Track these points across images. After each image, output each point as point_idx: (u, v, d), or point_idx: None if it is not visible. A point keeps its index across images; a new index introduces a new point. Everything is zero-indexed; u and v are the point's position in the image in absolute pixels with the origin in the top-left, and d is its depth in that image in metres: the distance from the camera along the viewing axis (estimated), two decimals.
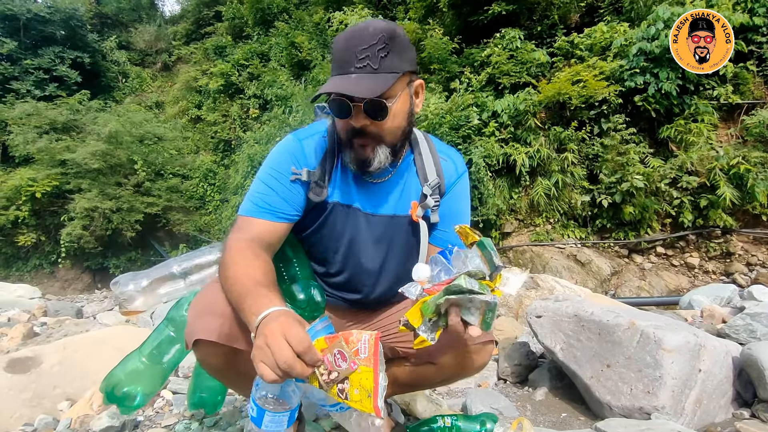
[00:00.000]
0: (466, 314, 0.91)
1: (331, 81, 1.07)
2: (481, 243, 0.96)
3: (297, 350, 0.79)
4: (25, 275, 10.09)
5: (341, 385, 0.84)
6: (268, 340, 0.80)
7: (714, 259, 5.53)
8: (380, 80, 1.05)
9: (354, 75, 1.05)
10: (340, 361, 0.84)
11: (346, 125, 1.12)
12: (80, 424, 1.50)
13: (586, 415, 1.75)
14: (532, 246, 6.01)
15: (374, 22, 1.09)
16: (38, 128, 10.25)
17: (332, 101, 1.08)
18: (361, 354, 0.83)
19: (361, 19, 8.20)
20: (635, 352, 1.57)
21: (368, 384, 0.82)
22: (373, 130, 1.11)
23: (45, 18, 12.43)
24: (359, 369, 0.83)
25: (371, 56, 1.04)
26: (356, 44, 1.05)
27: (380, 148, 1.14)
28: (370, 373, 0.82)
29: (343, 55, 1.06)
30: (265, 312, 0.87)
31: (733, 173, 5.21)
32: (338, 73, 1.07)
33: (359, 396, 0.83)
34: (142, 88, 15.01)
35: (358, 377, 0.83)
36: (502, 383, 2.20)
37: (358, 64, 1.04)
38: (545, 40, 7.21)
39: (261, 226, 1.14)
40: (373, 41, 1.04)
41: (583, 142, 6.08)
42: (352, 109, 1.07)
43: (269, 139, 8.16)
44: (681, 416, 1.48)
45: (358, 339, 0.84)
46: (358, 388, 0.83)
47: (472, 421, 1.34)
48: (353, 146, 1.14)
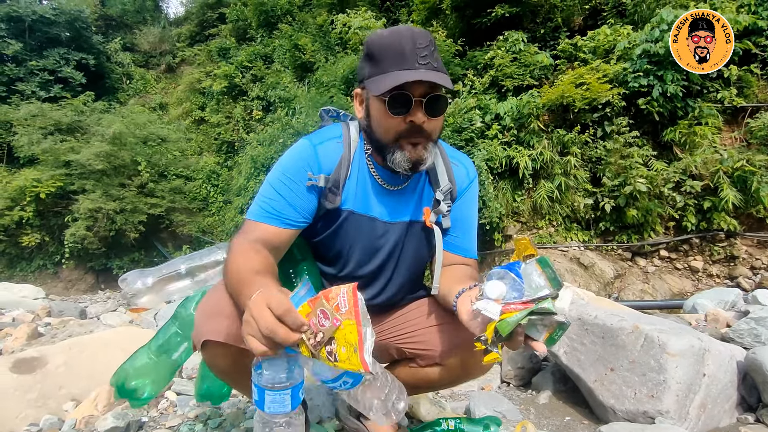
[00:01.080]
0: (532, 332, 0.92)
1: (398, 74, 1.05)
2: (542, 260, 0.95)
3: (276, 313, 0.79)
4: (29, 275, 10.15)
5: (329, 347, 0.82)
6: (252, 311, 0.81)
7: (718, 263, 5.50)
8: (446, 76, 1.07)
9: (422, 69, 1.05)
10: (323, 320, 0.82)
11: (401, 123, 1.10)
12: (85, 425, 1.50)
13: (589, 418, 1.74)
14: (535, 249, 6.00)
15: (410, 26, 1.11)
16: (43, 129, 10.32)
17: (393, 97, 1.06)
18: (341, 308, 0.82)
19: (365, 21, 8.22)
20: (639, 356, 1.57)
21: (353, 338, 0.81)
22: (428, 128, 1.11)
23: (50, 20, 12.52)
24: (342, 324, 0.81)
25: (429, 55, 1.06)
26: (416, 42, 1.06)
27: (430, 146, 1.14)
28: (353, 326, 0.81)
29: (404, 50, 1.06)
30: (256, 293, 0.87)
31: (737, 176, 5.19)
32: (402, 67, 1.06)
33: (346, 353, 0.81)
34: (146, 89, 15.09)
35: (342, 333, 0.81)
36: (505, 386, 2.20)
37: (421, 60, 1.05)
38: (548, 42, 7.20)
39: (266, 231, 1.14)
40: (427, 42, 1.07)
41: (586, 145, 6.07)
42: (413, 105, 1.07)
43: (272, 140, 8.18)
44: (685, 421, 1.47)
45: (337, 293, 0.83)
46: (345, 346, 0.81)
47: (476, 425, 1.34)
48: (404, 147, 1.12)
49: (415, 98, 1.06)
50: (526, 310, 0.89)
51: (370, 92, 1.11)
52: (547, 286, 0.92)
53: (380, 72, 1.08)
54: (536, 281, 0.92)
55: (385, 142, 1.14)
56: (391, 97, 1.06)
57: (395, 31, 1.10)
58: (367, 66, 1.12)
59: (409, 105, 1.07)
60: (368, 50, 1.12)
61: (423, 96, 1.06)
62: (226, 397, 1.49)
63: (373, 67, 1.10)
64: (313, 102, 7.73)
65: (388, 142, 1.13)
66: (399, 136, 1.11)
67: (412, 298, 1.37)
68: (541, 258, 0.95)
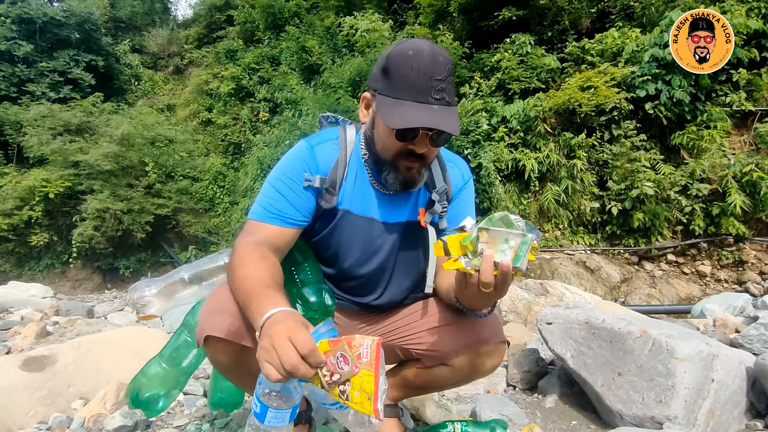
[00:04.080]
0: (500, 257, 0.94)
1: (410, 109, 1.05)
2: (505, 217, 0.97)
3: (302, 353, 0.81)
4: (37, 274, 10.24)
5: (342, 387, 0.87)
6: (274, 341, 0.82)
7: (726, 268, 5.45)
8: (456, 115, 1.08)
9: (435, 107, 1.05)
10: (343, 364, 0.86)
11: (402, 147, 1.12)
12: (93, 423, 1.52)
13: (596, 423, 1.73)
14: (540, 252, 5.98)
15: (438, 49, 1.09)
16: (52, 130, 10.41)
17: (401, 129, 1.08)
18: (363, 358, 0.85)
19: (372, 24, 8.24)
20: (647, 361, 1.56)
21: (369, 387, 0.85)
22: (427, 155, 1.15)
23: (60, 21, 12.65)
24: (361, 372, 0.85)
25: (445, 89, 1.07)
26: (433, 73, 1.05)
27: (424, 170, 1.19)
28: (372, 377, 0.85)
29: (419, 82, 1.05)
30: (270, 312, 0.89)
31: (745, 181, 5.15)
32: (416, 100, 1.06)
33: (360, 398, 0.85)
34: (154, 91, 15.21)
35: (359, 380, 0.85)
36: (511, 390, 2.19)
37: (435, 95, 1.05)
38: (556, 45, 7.19)
39: (270, 230, 1.16)
40: (445, 72, 1.06)
41: (593, 148, 6.04)
42: (419, 135, 1.09)
43: (279, 142, 8.22)
44: (694, 427, 1.46)
45: (360, 344, 0.86)
46: (359, 391, 0.85)
47: (482, 428, 1.34)
48: (399, 167, 1.15)
49: (423, 130, 1.08)
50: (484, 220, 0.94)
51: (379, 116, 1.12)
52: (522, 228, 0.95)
53: (393, 95, 1.08)
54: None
55: (382, 158, 1.17)
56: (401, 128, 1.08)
57: (417, 53, 1.07)
58: (382, 80, 1.12)
59: (416, 135, 1.09)
60: (386, 64, 1.11)
61: (430, 129, 1.08)
62: (239, 404, 1.51)
63: (388, 86, 1.10)
64: (320, 104, 7.76)
65: (385, 160, 1.17)
66: (397, 157, 1.14)
67: (416, 298, 1.38)
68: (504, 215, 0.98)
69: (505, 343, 1.25)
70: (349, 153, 1.24)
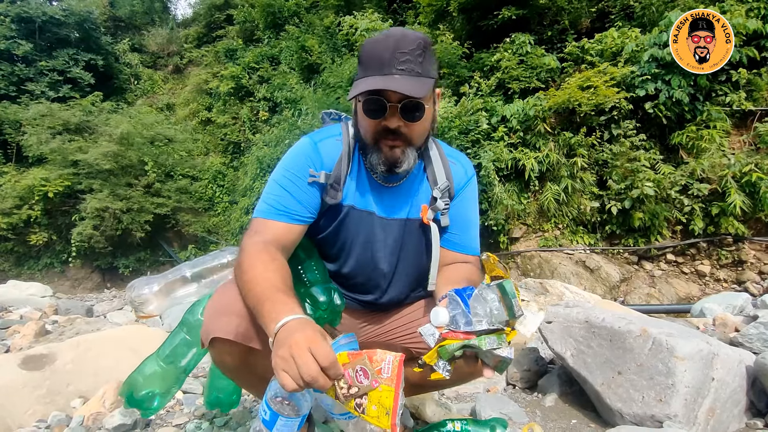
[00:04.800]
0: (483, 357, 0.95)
1: (372, 80, 1.07)
2: (502, 287, 0.95)
3: (322, 364, 0.81)
4: (36, 274, 10.23)
5: (359, 400, 0.86)
6: (293, 351, 0.81)
7: (725, 267, 5.46)
8: (423, 83, 1.08)
9: (397, 75, 1.06)
10: (362, 378, 0.86)
11: (377, 125, 1.13)
12: (93, 421, 1.52)
13: (596, 422, 1.73)
14: (540, 251, 5.98)
15: (407, 30, 1.12)
16: (52, 129, 10.41)
17: (368, 101, 1.09)
18: (383, 374, 0.85)
19: (371, 23, 8.24)
20: (647, 360, 1.56)
21: (388, 402, 0.84)
22: (405, 132, 1.13)
23: (60, 20, 12.64)
24: (380, 387, 0.85)
25: (412, 60, 1.07)
26: (398, 47, 1.07)
27: (409, 150, 1.16)
28: (392, 393, 0.84)
29: (383, 56, 1.07)
30: (285, 319, 0.88)
31: (745, 181, 5.15)
32: (378, 73, 1.07)
33: (377, 412, 0.84)
34: (154, 90, 15.20)
35: (377, 395, 0.85)
36: (511, 389, 2.18)
37: (400, 66, 1.07)
38: (555, 45, 7.18)
39: (276, 228, 1.15)
40: (413, 46, 1.07)
41: (593, 147, 6.04)
42: (388, 110, 1.09)
43: (278, 141, 8.22)
44: (694, 425, 1.46)
45: (382, 359, 0.86)
46: (377, 405, 0.85)
47: (482, 426, 1.34)
48: (381, 148, 1.15)
49: (391, 103, 1.08)
50: (461, 342, 0.93)
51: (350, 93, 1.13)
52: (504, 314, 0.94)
53: (361, 75, 1.11)
54: (491, 308, 0.94)
55: (366, 141, 1.18)
56: (366, 101, 1.09)
57: (387, 35, 1.11)
58: (358, 68, 1.15)
59: (385, 109, 1.09)
60: (359, 53, 1.15)
61: (399, 101, 1.08)
62: (235, 404, 1.50)
63: (360, 70, 1.13)
64: (320, 103, 7.76)
65: (368, 143, 1.17)
66: (377, 138, 1.15)
67: (417, 297, 1.38)
68: (501, 283, 0.95)
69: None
70: (351, 149, 1.24)
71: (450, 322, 0.97)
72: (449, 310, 0.98)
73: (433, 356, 0.96)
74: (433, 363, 0.96)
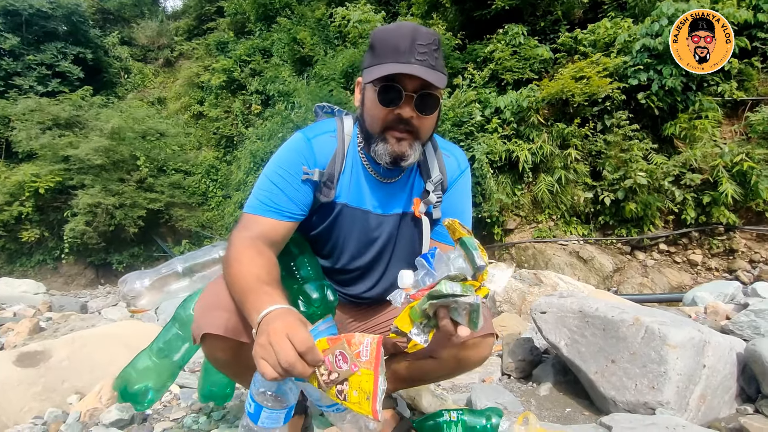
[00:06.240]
0: (455, 315, 0.93)
1: (391, 65, 1.06)
2: (462, 242, 0.96)
3: (299, 350, 0.80)
4: (28, 271, 10.15)
5: (340, 386, 0.85)
6: (271, 338, 0.81)
7: (717, 256, 5.52)
8: (440, 76, 1.08)
9: (416, 65, 1.05)
10: (341, 363, 0.84)
11: (389, 114, 1.11)
12: (89, 417, 1.52)
13: (590, 410, 1.76)
14: (534, 242, 6.02)
15: (417, 24, 1.11)
16: (41, 124, 10.27)
17: (384, 87, 1.08)
18: (362, 357, 0.84)
19: (364, 14, 8.18)
20: (640, 348, 1.58)
21: (368, 387, 0.83)
22: (416, 124, 1.12)
23: (47, 13, 12.41)
24: (360, 371, 0.83)
25: (429, 53, 1.06)
26: (416, 38, 1.06)
27: (416, 144, 1.15)
28: (371, 376, 0.83)
29: (401, 44, 1.06)
30: (267, 309, 0.88)
31: (736, 170, 5.20)
32: (395, 60, 1.06)
33: (358, 398, 0.83)
34: (144, 84, 15.01)
35: (358, 379, 0.83)
36: (506, 378, 2.21)
37: (418, 57, 1.05)
38: (548, 36, 7.17)
39: (266, 224, 1.15)
40: (430, 41, 1.07)
41: (586, 138, 6.06)
42: (404, 98, 1.08)
43: (271, 135, 8.16)
44: (686, 411, 1.48)
45: (360, 342, 0.84)
46: (357, 390, 0.83)
47: (478, 416, 1.35)
48: (388, 140, 1.13)
49: (407, 92, 1.07)
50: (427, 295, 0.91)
51: (365, 79, 1.12)
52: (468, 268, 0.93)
53: (377, 62, 1.09)
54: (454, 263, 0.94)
55: (372, 131, 1.16)
56: (383, 86, 1.08)
57: (400, 25, 1.11)
58: (368, 56, 1.14)
59: (400, 98, 1.08)
60: (371, 41, 1.13)
61: (415, 91, 1.07)
62: (229, 397, 1.51)
63: (372, 58, 1.11)
64: (313, 96, 7.70)
65: (375, 132, 1.15)
66: (386, 127, 1.13)
67: None
68: (461, 239, 0.96)
69: (493, 335, 1.25)
70: (346, 145, 1.23)
71: (416, 284, 0.97)
72: (415, 274, 0.99)
73: (405, 320, 0.94)
74: (408, 330, 0.94)
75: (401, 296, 0.96)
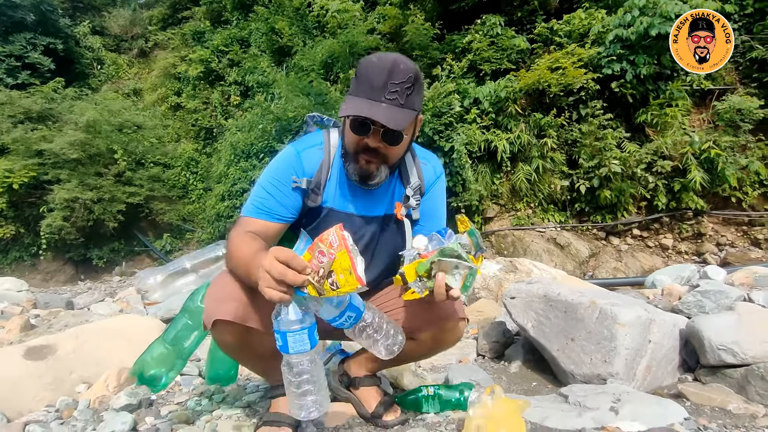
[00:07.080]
0: (450, 280, 1.13)
1: (360, 103, 1.21)
2: (471, 231, 1.20)
3: (283, 261, 0.98)
4: (5, 268, 9.96)
5: (330, 279, 1.00)
6: (263, 265, 0.99)
7: (686, 240, 5.80)
8: (405, 115, 1.23)
9: (384, 104, 1.21)
10: (322, 258, 1.01)
11: (360, 141, 1.28)
12: (99, 404, 1.65)
13: (553, 383, 1.96)
14: (513, 230, 6.22)
15: (404, 59, 1.24)
16: (12, 118, 9.99)
17: (355, 120, 1.23)
18: (334, 245, 1.00)
19: (342, 4, 8.17)
20: (595, 327, 1.78)
21: (346, 263, 0.99)
22: (383, 152, 1.29)
23: (14, 3, 11.95)
24: (336, 255, 1.00)
25: (400, 92, 1.21)
26: (390, 78, 1.20)
27: (383, 167, 1.33)
28: (345, 254, 0.99)
29: (375, 83, 1.20)
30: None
31: (704, 157, 5.45)
32: (367, 97, 1.21)
33: (344, 278, 0.99)
34: (119, 75, 14.64)
35: (338, 263, 1.00)
36: (481, 359, 2.40)
37: (389, 96, 1.20)
38: (525, 26, 7.31)
39: (259, 224, 1.32)
40: (404, 79, 1.21)
41: (563, 128, 6.25)
42: (371, 131, 1.24)
43: (251, 126, 8.12)
44: (633, 381, 1.69)
45: (328, 235, 1.02)
46: (342, 272, 0.99)
47: (452, 390, 1.53)
48: (359, 161, 1.31)
49: (375, 126, 1.23)
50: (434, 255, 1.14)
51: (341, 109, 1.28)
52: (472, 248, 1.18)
53: (354, 94, 1.25)
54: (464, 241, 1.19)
55: (348, 150, 1.34)
56: (354, 119, 1.24)
57: (381, 60, 1.23)
58: (353, 82, 1.29)
59: (368, 130, 1.24)
60: (357, 68, 1.28)
61: (382, 126, 1.23)
62: (233, 379, 1.69)
63: (354, 86, 1.27)
64: (292, 87, 7.70)
65: (350, 152, 1.33)
66: (357, 151, 1.30)
67: (388, 282, 1.55)
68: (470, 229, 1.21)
69: (465, 320, 1.43)
70: (332, 156, 1.40)
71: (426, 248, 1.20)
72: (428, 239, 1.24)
73: (412, 271, 1.15)
74: (411, 280, 1.15)
75: (412, 252, 1.20)
